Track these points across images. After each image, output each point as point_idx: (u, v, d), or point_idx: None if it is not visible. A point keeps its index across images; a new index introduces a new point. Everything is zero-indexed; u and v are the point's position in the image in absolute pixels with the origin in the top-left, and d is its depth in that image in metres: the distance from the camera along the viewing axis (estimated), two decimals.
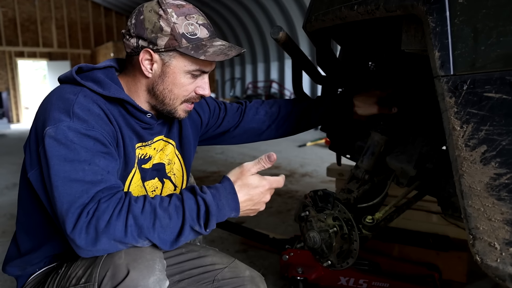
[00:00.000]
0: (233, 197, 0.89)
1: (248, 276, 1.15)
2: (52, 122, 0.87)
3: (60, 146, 0.85)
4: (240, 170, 0.94)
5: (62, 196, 0.83)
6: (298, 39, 9.70)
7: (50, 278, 0.99)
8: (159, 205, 0.85)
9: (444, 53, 0.72)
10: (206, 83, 1.05)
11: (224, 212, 0.88)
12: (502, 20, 0.65)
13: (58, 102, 0.91)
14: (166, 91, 1.01)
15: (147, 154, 1.09)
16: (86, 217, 0.81)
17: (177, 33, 0.94)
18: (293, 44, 1.30)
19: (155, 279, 0.84)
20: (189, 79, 1.01)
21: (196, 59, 0.98)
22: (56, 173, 0.84)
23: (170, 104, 1.04)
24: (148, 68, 0.99)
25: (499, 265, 0.75)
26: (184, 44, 0.95)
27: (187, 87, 1.02)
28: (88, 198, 0.83)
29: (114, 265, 0.84)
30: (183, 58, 0.98)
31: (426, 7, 0.73)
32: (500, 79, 0.66)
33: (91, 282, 0.86)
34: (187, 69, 0.99)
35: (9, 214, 3.17)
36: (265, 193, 0.94)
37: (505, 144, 0.68)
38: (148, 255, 0.86)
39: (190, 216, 0.85)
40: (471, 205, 0.76)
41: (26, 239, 1.03)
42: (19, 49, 13.55)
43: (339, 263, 1.32)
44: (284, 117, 1.39)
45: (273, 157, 0.94)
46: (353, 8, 0.90)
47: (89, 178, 0.85)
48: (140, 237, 0.83)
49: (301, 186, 3.92)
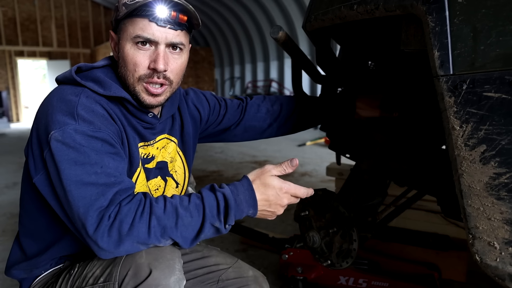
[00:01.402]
0: (250, 193, 0.89)
1: (251, 276, 1.16)
2: (57, 125, 0.85)
3: (69, 149, 0.83)
4: (261, 170, 0.94)
5: (77, 200, 0.82)
6: (298, 39, 9.69)
7: (62, 278, 0.98)
8: (180, 204, 0.85)
9: (443, 53, 0.72)
10: (160, 55, 0.93)
11: (242, 208, 0.88)
12: (501, 20, 0.65)
13: (60, 104, 0.89)
14: (123, 70, 0.97)
15: (150, 153, 1.08)
16: (108, 220, 0.81)
17: (120, 5, 0.93)
18: (292, 43, 1.30)
19: (175, 278, 0.85)
20: (137, 50, 0.93)
21: (134, 25, 0.92)
22: (67, 177, 0.82)
23: (130, 86, 0.97)
24: (114, 50, 1.01)
25: (498, 264, 0.75)
26: (123, 11, 0.92)
27: (135, 60, 0.94)
28: (106, 200, 0.82)
29: (136, 265, 0.85)
30: (127, 26, 0.94)
31: (426, 6, 0.73)
32: (500, 79, 0.66)
33: (111, 282, 0.86)
34: (129, 37, 0.93)
35: (8, 213, 3.17)
36: (282, 196, 0.92)
37: (505, 143, 0.68)
38: (169, 254, 0.87)
39: (210, 213, 0.86)
40: (470, 204, 0.76)
41: (32, 242, 1.02)
42: (19, 49, 13.55)
43: (338, 263, 1.32)
44: (286, 116, 1.38)
45: (295, 162, 0.94)
46: (352, 7, 0.90)
47: (103, 180, 0.84)
48: (163, 237, 0.84)
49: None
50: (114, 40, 0.99)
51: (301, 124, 1.41)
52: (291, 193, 0.94)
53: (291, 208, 3.12)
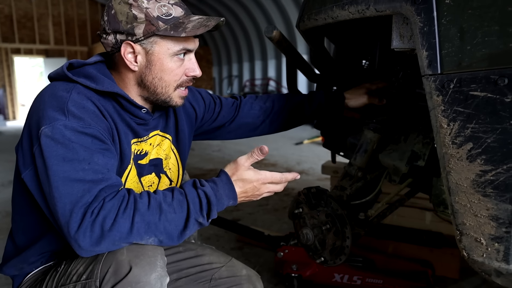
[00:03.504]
0: (230, 187, 0.94)
1: (245, 275, 1.16)
2: (47, 121, 0.85)
3: (57, 145, 0.84)
4: (235, 165, 0.96)
5: (64, 196, 0.82)
6: (295, 37, 9.70)
7: (49, 276, 0.99)
8: (163, 200, 0.87)
9: (431, 53, 0.73)
10: (194, 63, 1.03)
11: (222, 202, 0.93)
12: (487, 21, 0.66)
13: (51, 100, 0.89)
14: (156, 80, 0.99)
15: (143, 150, 1.09)
16: (90, 216, 0.81)
17: (152, 17, 0.92)
18: (287, 42, 1.31)
19: (156, 275, 0.85)
20: (176, 62, 0.99)
21: (178, 38, 0.96)
22: (55, 173, 0.83)
23: (163, 93, 1.02)
24: (132, 61, 0.97)
25: (485, 260, 0.76)
26: (162, 27, 0.93)
27: (176, 71, 1.00)
28: (91, 197, 0.83)
29: (117, 261, 0.85)
30: (165, 41, 0.96)
31: (414, 7, 0.74)
32: (485, 78, 0.68)
33: (93, 279, 0.87)
34: (172, 51, 0.97)
35: (4, 212, 3.18)
36: (259, 187, 0.97)
37: (490, 141, 0.69)
38: (150, 251, 0.87)
39: (194, 209, 0.88)
40: (458, 201, 0.78)
41: (22, 237, 1.03)
42: (15, 46, 13.50)
43: (332, 260, 1.33)
44: (278, 112, 1.40)
45: (265, 150, 0.96)
46: (344, 7, 0.91)
47: (90, 177, 0.84)
48: (146, 233, 0.84)
49: (297, 183, 3.94)
50: (135, 53, 0.97)
51: (293, 120, 1.43)
52: (268, 182, 0.97)
53: (286, 206, 3.14)
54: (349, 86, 1.53)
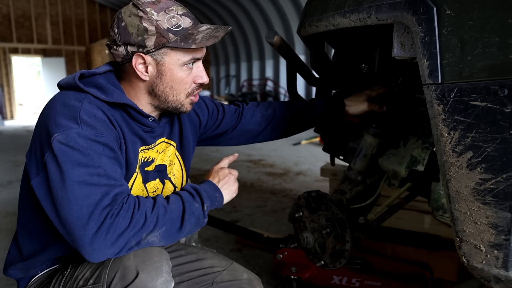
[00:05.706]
0: (208, 182, 1.11)
1: (246, 279, 1.18)
2: (60, 128, 0.87)
3: (73, 151, 0.86)
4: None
5: (81, 199, 0.84)
6: (294, 39, 9.71)
7: (55, 279, 1.00)
8: (162, 199, 0.96)
9: (432, 62, 0.74)
10: (202, 70, 1.07)
11: (209, 192, 1.07)
12: (487, 32, 0.67)
13: (63, 109, 0.91)
14: (167, 89, 1.03)
15: (150, 157, 1.11)
16: (110, 218, 0.84)
17: (163, 30, 0.95)
18: (287, 47, 1.32)
19: (162, 280, 0.87)
20: (186, 71, 1.03)
21: (188, 49, 0.99)
22: (70, 177, 0.84)
23: (174, 101, 1.05)
24: (143, 72, 1.00)
25: (484, 266, 0.78)
26: (172, 39, 0.96)
27: (185, 80, 1.03)
28: (109, 200, 0.86)
29: (124, 267, 0.87)
30: (175, 52, 0.99)
31: (416, 17, 0.75)
32: (485, 88, 0.69)
33: (100, 283, 0.88)
34: (182, 62, 1.00)
35: (4, 212, 3.17)
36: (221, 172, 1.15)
37: (490, 150, 0.70)
38: (156, 257, 0.89)
39: (187, 198, 0.99)
40: (458, 208, 0.79)
41: (29, 243, 1.03)
42: (13, 45, 13.45)
43: (331, 263, 1.35)
44: (279, 119, 1.42)
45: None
46: (345, 15, 0.92)
47: (105, 182, 0.87)
48: (156, 226, 0.90)
49: (295, 185, 3.95)
50: (145, 63, 0.99)
51: (294, 127, 1.45)
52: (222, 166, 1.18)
53: (286, 208, 3.15)
54: (348, 90, 1.54)
